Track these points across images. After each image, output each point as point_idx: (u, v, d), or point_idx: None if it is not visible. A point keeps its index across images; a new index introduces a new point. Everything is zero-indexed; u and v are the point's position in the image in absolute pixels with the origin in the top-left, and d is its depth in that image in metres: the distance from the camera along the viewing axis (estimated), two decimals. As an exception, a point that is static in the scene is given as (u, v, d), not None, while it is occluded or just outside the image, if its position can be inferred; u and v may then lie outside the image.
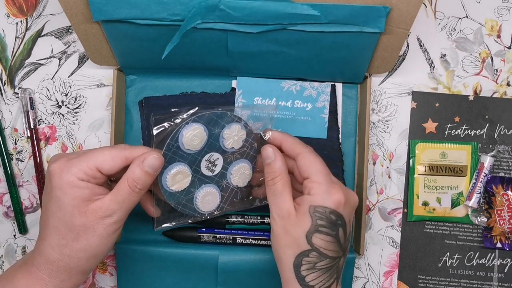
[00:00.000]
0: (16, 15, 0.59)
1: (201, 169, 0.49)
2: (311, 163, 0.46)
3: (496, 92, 0.59)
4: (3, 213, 0.59)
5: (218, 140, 0.48)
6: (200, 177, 0.49)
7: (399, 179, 0.59)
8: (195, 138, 0.47)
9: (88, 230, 0.43)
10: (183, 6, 0.47)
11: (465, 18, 0.59)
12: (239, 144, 0.49)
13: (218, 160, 0.49)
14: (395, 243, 0.59)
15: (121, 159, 0.44)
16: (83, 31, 0.52)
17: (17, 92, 0.59)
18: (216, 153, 0.49)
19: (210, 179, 0.49)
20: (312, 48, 0.52)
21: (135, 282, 0.56)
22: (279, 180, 0.46)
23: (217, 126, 0.48)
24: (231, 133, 0.48)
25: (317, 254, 0.44)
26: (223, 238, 0.56)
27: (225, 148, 0.49)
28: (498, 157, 0.59)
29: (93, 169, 0.43)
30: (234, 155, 0.50)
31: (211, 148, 0.48)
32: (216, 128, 0.48)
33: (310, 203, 0.44)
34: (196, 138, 0.47)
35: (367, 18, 0.48)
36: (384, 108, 0.59)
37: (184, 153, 0.47)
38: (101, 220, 0.43)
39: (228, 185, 0.50)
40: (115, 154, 0.44)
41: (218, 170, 0.49)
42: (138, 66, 0.57)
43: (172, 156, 0.47)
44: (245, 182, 0.51)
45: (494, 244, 0.58)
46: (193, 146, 0.47)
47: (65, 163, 0.43)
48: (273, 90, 0.58)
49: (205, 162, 0.49)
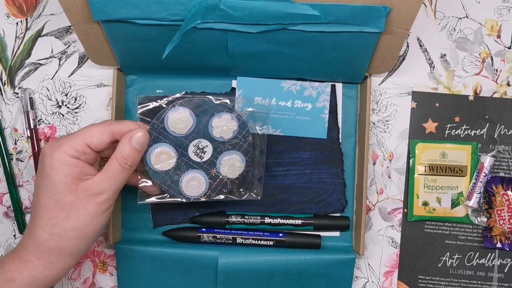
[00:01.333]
0: (16, 15, 0.59)
1: (188, 153, 0.50)
2: None
3: (496, 92, 0.59)
4: (3, 213, 0.59)
5: (207, 128, 0.49)
6: (188, 162, 0.50)
7: (399, 179, 0.59)
8: (179, 121, 0.48)
9: (78, 208, 0.43)
10: (183, 6, 0.47)
11: (465, 18, 0.59)
12: (228, 134, 0.50)
13: (207, 148, 0.50)
14: (395, 243, 0.59)
15: (108, 133, 0.45)
16: (83, 31, 0.52)
17: (17, 92, 0.59)
18: (205, 140, 0.50)
19: (198, 165, 0.50)
20: (312, 48, 0.52)
21: (135, 282, 0.56)
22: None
23: (206, 113, 0.49)
24: (220, 122, 0.49)
25: None
26: (223, 238, 0.56)
27: (214, 136, 0.50)
28: (498, 157, 0.59)
29: (82, 145, 0.44)
30: (225, 145, 0.50)
31: (199, 134, 0.50)
32: (205, 115, 0.49)
33: None
34: (181, 122, 0.48)
35: (367, 18, 0.48)
36: (384, 108, 0.59)
37: (169, 135, 0.49)
38: (91, 198, 0.44)
39: (217, 174, 0.51)
40: (102, 129, 0.45)
41: (207, 157, 0.50)
42: (138, 66, 0.57)
43: (157, 135, 0.49)
44: (235, 174, 0.51)
45: (494, 244, 0.58)
46: (178, 130, 0.49)
47: (55, 143, 0.44)
48: (273, 90, 0.58)
49: (193, 147, 0.50)
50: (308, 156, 0.58)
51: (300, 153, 0.58)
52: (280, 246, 0.57)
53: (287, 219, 0.57)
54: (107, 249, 0.59)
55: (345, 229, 0.58)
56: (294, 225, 0.57)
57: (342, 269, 0.55)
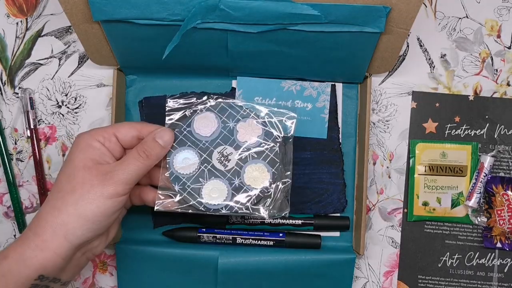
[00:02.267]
0: (16, 15, 0.59)
1: (212, 160, 0.49)
2: None
3: (496, 92, 0.59)
4: (3, 213, 0.59)
5: (233, 134, 0.49)
6: (211, 169, 0.49)
7: (399, 179, 0.59)
8: (207, 124, 0.49)
9: (85, 184, 0.43)
10: (183, 6, 0.47)
11: (465, 18, 0.59)
12: (253, 138, 0.50)
13: (232, 155, 0.49)
14: (395, 243, 0.59)
15: (136, 128, 0.47)
16: (83, 31, 0.52)
17: (17, 92, 0.59)
18: (230, 147, 0.49)
19: (222, 173, 0.49)
20: (312, 48, 0.52)
21: (135, 282, 0.56)
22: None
23: (232, 119, 0.50)
24: (246, 126, 0.50)
25: None
26: (223, 238, 0.56)
27: (239, 141, 0.49)
28: (498, 157, 0.59)
29: (109, 133, 0.46)
30: (250, 154, 0.49)
31: (225, 141, 0.49)
32: (231, 121, 0.50)
33: None
34: (208, 125, 0.49)
35: (367, 18, 0.48)
36: (384, 108, 0.59)
37: (195, 139, 0.49)
38: (101, 177, 0.44)
39: (241, 185, 0.49)
40: (132, 125, 0.48)
41: (232, 165, 0.49)
42: (138, 66, 0.57)
43: (183, 139, 0.49)
44: (260, 184, 0.49)
45: (494, 244, 0.58)
46: (204, 133, 0.49)
47: (88, 131, 0.47)
48: (273, 90, 0.58)
49: (217, 154, 0.49)
50: (308, 156, 0.58)
51: (300, 153, 0.58)
52: (280, 246, 0.57)
53: (287, 219, 0.57)
54: (107, 249, 0.59)
55: (345, 229, 0.58)
56: (294, 225, 0.57)
57: (342, 269, 0.55)
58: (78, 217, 0.42)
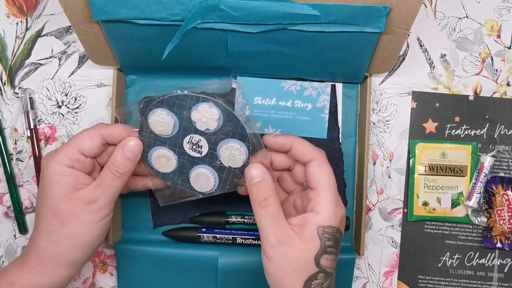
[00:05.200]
0: (16, 15, 0.59)
1: (186, 151, 0.48)
2: (324, 174, 0.43)
3: (496, 92, 0.59)
4: (3, 213, 0.59)
5: (191, 122, 0.47)
6: (189, 159, 0.48)
7: (399, 179, 0.59)
8: (160, 123, 0.47)
9: (73, 216, 0.44)
10: (183, 6, 0.47)
11: (465, 18, 0.59)
12: (213, 124, 0.46)
13: (201, 141, 0.47)
14: (395, 243, 0.59)
15: (98, 136, 0.45)
16: (83, 31, 0.52)
17: (17, 92, 0.59)
18: (195, 135, 0.47)
19: (201, 159, 0.48)
20: (312, 48, 0.52)
21: (135, 282, 0.56)
22: (273, 200, 0.42)
23: (183, 108, 0.46)
24: (198, 114, 0.46)
25: (324, 275, 0.42)
26: (223, 238, 0.56)
27: (201, 129, 0.47)
28: (498, 157, 0.59)
29: (75, 152, 0.44)
30: (217, 135, 0.47)
31: (188, 130, 0.47)
32: (183, 110, 0.46)
33: (318, 224, 0.41)
34: (162, 123, 0.47)
35: (367, 18, 0.48)
36: (384, 108, 0.59)
37: (160, 137, 0.48)
38: (85, 207, 0.44)
39: (222, 166, 0.48)
40: (92, 133, 0.46)
41: (206, 150, 0.48)
42: (138, 66, 0.57)
43: (149, 141, 0.48)
44: (238, 163, 0.47)
45: (494, 244, 0.58)
46: (164, 131, 0.47)
47: (51, 154, 0.45)
48: (273, 90, 0.58)
49: (187, 144, 0.48)
50: (308, 156, 0.58)
51: (300, 153, 0.58)
52: (280, 246, 0.57)
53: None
54: (107, 249, 0.59)
55: (345, 229, 0.58)
56: (294, 225, 0.57)
57: (342, 269, 0.55)
58: (75, 246, 0.45)
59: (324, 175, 0.43)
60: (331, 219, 0.42)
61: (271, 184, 0.43)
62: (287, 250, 0.41)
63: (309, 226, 0.41)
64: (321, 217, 0.42)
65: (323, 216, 0.42)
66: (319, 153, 0.45)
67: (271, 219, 0.42)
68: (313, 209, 0.42)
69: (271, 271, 0.42)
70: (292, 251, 0.41)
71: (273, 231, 0.42)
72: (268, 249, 0.42)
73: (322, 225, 0.41)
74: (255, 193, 0.43)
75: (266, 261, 0.42)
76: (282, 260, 0.41)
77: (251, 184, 0.44)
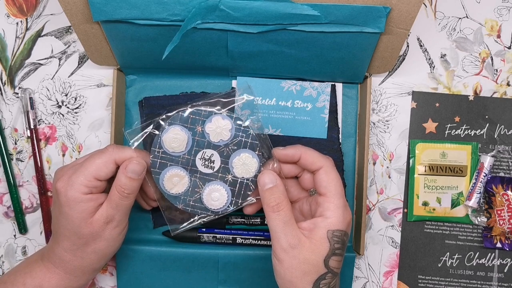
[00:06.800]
0: (16, 15, 0.59)
1: (198, 168, 0.49)
2: (332, 180, 0.45)
3: (496, 92, 0.59)
4: (3, 213, 0.59)
5: (204, 136, 0.48)
6: (201, 176, 0.49)
7: (399, 179, 0.59)
8: (175, 140, 0.48)
9: (95, 236, 0.47)
10: (183, 6, 0.47)
11: (465, 18, 0.59)
12: (226, 135, 0.48)
13: (214, 156, 0.49)
14: (395, 243, 0.59)
15: (112, 163, 0.47)
16: (83, 31, 0.52)
17: (17, 92, 0.59)
18: (208, 150, 0.48)
19: (213, 176, 0.49)
20: (312, 48, 0.52)
21: (135, 282, 0.56)
22: (285, 205, 0.45)
23: (197, 122, 0.48)
24: (212, 126, 0.48)
25: (331, 275, 0.44)
26: (223, 238, 0.56)
27: (214, 142, 0.48)
28: (498, 157, 0.59)
29: (91, 180, 0.46)
30: (229, 147, 0.48)
31: (200, 145, 0.48)
32: (197, 125, 0.48)
33: (328, 228, 0.44)
34: (176, 140, 0.48)
35: (367, 18, 0.48)
36: (384, 108, 0.59)
37: (173, 157, 0.48)
38: (105, 226, 0.47)
39: (235, 179, 0.49)
40: (106, 161, 0.47)
41: (218, 165, 0.49)
42: (138, 66, 0.57)
43: (162, 161, 0.48)
44: (251, 172, 0.48)
45: (494, 244, 0.58)
46: (178, 148, 0.48)
47: (67, 181, 0.46)
48: (273, 90, 0.58)
49: (200, 160, 0.48)
50: (308, 156, 0.58)
51: (300, 153, 0.58)
52: (280, 246, 0.57)
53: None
54: (107, 249, 0.59)
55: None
56: (294, 225, 0.57)
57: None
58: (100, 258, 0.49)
59: (332, 181, 0.45)
60: (340, 223, 0.44)
61: (283, 190, 0.45)
62: (298, 253, 0.43)
63: (319, 230, 0.44)
64: (330, 222, 0.44)
65: (333, 221, 0.44)
66: (327, 161, 0.47)
67: (283, 224, 0.44)
68: (323, 214, 0.44)
69: (282, 273, 0.44)
70: (302, 254, 0.43)
71: (285, 235, 0.44)
72: (280, 252, 0.44)
73: (331, 229, 0.44)
74: (267, 198, 0.45)
75: (277, 263, 0.44)
76: (293, 262, 0.43)
77: (263, 190, 0.46)
